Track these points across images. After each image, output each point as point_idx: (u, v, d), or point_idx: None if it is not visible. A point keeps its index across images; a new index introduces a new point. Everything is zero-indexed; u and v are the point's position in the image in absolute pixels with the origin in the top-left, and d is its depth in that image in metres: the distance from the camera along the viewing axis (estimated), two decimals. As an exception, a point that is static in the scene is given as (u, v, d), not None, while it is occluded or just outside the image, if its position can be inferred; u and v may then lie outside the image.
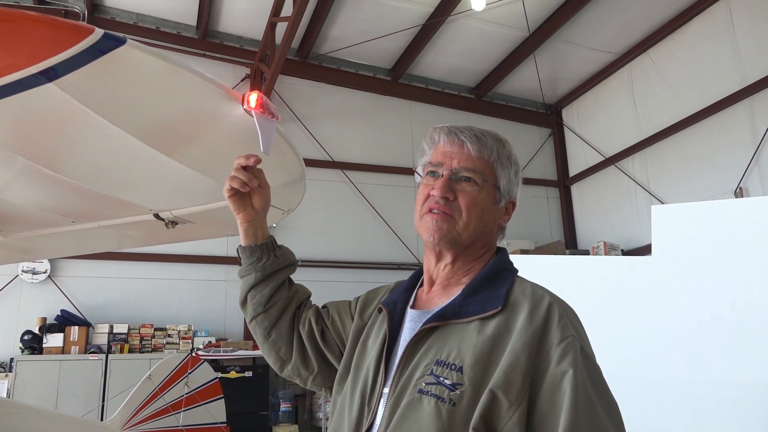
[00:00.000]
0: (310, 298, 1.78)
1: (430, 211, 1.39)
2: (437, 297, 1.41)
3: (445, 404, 1.17)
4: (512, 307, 1.27)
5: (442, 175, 1.40)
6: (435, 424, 1.16)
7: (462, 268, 1.42)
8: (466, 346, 1.23)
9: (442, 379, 1.21)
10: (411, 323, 1.39)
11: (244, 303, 1.69)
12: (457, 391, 1.18)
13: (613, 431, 1.13)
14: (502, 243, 1.52)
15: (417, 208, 1.45)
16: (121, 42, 1.44)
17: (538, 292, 1.31)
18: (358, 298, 1.69)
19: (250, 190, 1.60)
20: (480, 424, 1.14)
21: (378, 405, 1.29)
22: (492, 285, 1.34)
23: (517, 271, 1.42)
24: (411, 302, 1.47)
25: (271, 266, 1.66)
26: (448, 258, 1.42)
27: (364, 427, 1.29)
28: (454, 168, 1.40)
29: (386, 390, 1.30)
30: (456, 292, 1.37)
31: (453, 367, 1.21)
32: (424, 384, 1.22)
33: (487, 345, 1.22)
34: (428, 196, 1.41)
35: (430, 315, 1.34)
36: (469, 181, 1.39)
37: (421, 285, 1.51)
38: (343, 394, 1.43)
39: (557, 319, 1.23)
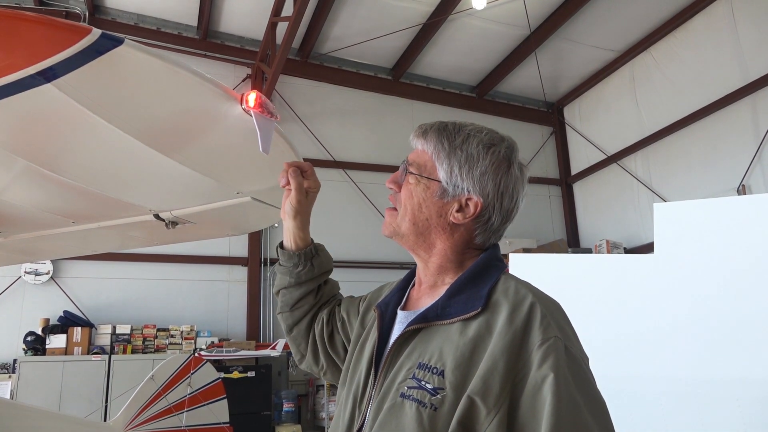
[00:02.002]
0: (336, 296, 1.80)
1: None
2: (424, 297, 1.39)
3: (427, 409, 1.15)
4: (493, 307, 1.23)
5: None
6: (416, 430, 1.14)
7: (440, 267, 1.38)
8: (447, 349, 1.20)
9: (423, 383, 1.18)
10: (399, 325, 1.37)
11: (277, 294, 1.78)
12: (438, 396, 1.15)
13: None
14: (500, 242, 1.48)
15: None
16: (118, 42, 1.44)
17: (521, 291, 1.25)
18: (366, 297, 1.68)
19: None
20: (458, 430, 1.11)
21: (368, 408, 1.28)
22: (476, 284, 1.30)
23: (504, 267, 1.37)
24: (403, 302, 1.45)
25: (305, 275, 1.70)
26: (415, 255, 1.43)
27: (355, 429, 1.28)
28: (405, 163, 1.44)
29: (374, 393, 1.28)
30: (441, 292, 1.34)
31: (435, 370, 1.18)
32: (406, 388, 1.20)
33: (468, 348, 1.18)
34: None
35: (414, 317, 1.32)
36: (412, 174, 1.40)
37: (414, 284, 1.49)
38: (342, 396, 1.43)
39: (539, 320, 1.17)
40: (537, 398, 1.09)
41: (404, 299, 1.46)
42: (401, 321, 1.38)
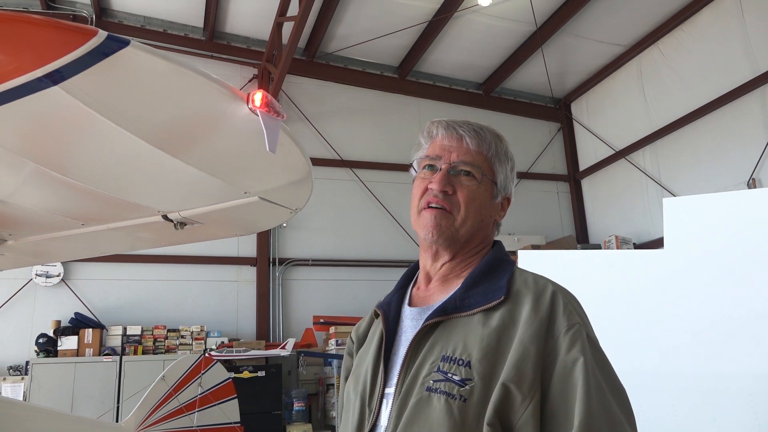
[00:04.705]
0: None
1: (428, 206, 1.37)
2: (436, 293, 1.38)
3: (456, 401, 1.15)
4: (515, 297, 1.25)
5: (441, 169, 1.38)
6: (447, 422, 1.14)
7: (460, 263, 1.39)
8: (471, 339, 1.21)
9: (450, 375, 1.18)
10: (411, 321, 1.36)
11: None
12: (467, 387, 1.16)
13: (624, 419, 1.12)
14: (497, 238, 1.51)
15: (414, 203, 1.42)
16: (125, 43, 1.44)
17: (540, 281, 1.28)
18: (353, 341, 1.60)
19: None
20: (494, 418, 1.12)
21: (380, 406, 1.27)
22: (491, 277, 1.31)
23: (514, 262, 1.40)
24: (407, 301, 1.44)
25: None
26: (445, 256, 1.39)
27: (366, 429, 1.27)
28: (453, 162, 1.38)
29: (389, 390, 1.28)
30: (455, 286, 1.34)
31: (460, 362, 1.19)
32: (431, 381, 1.20)
33: (494, 338, 1.19)
34: (426, 190, 1.38)
35: (431, 311, 1.31)
36: (468, 175, 1.37)
37: (415, 284, 1.48)
38: (346, 399, 1.43)
39: (562, 308, 1.21)
40: (568, 382, 1.12)
41: (407, 297, 1.45)
42: (413, 318, 1.37)
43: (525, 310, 1.21)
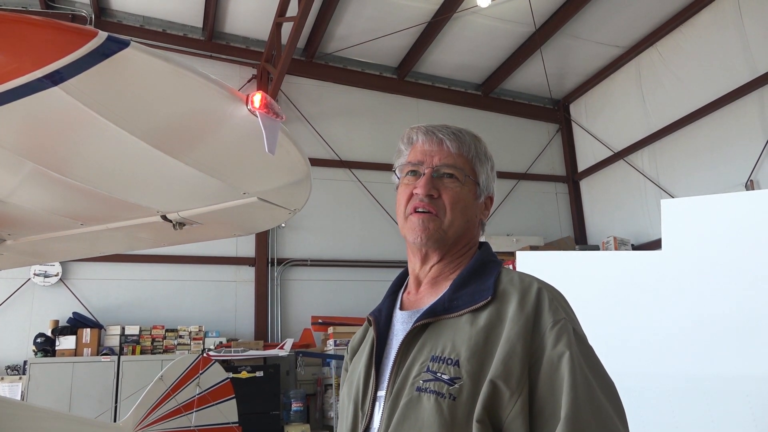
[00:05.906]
0: None
1: (415, 210, 1.39)
2: (426, 296, 1.41)
3: (446, 399, 1.17)
4: (502, 297, 1.27)
5: (424, 173, 1.41)
6: (437, 421, 1.15)
7: (448, 265, 1.42)
8: (460, 339, 1.23)
9: (439, 374, 1.20)
10: (401, 324, 1.39)
11: None
12: (456, 385, 1.18)
13: (612, 411, 1.14)
14: (482, 238, 1.53)
15: (400, 210, 1.44)
16: (124, 44, 1.44)
17: (525, 279, 1.31)
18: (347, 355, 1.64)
19: None
20: (483, 415, 1.14)
21: (373, 408, 1.30)
22: (479, 278, 1.34)
23: (501, 262, 1.43)
24: (398, 306, 1.46)
25: None
26: (434, 258, 1.42)
27: (361, 430, 1.29)
28: (436, 165, 1.41)
29: (381, 393, 1.30)
30: (444, 288, 1.37)
31: (449, 361, 1.21)
32: (421, 381, 1.22)
33: (481, 336, 1.22)
34: (411, 195, 1.41)
35: (420, 313, 1.33)
36: (452, 177, 1.40)
37: (405, 289, 1.50)
38: (341, 406, 1.45)
39: (548, 304, 1.23)
40: (555, 375, 1.14)
41: (398, 302, 1.48)
42: (403, 321, 1.40)
43: (511, 307, 1.24)
